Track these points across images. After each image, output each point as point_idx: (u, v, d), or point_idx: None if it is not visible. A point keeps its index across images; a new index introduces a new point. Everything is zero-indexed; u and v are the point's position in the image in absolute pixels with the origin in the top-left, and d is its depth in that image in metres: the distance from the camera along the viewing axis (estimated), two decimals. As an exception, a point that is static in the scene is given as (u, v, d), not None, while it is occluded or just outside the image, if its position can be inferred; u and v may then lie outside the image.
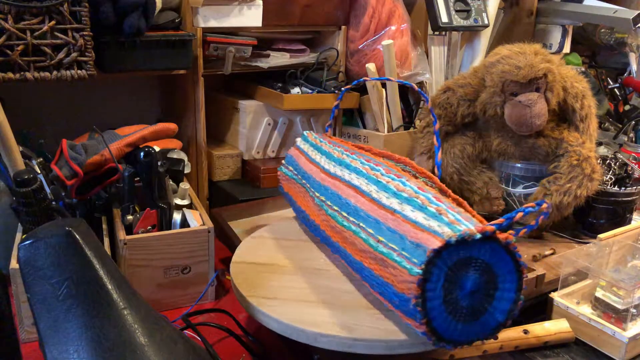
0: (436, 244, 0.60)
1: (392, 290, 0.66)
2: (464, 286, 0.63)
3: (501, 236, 0.62)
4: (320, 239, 0.90)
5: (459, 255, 0.62)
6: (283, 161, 1.04)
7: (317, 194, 0.88)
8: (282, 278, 0.82)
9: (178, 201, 1.02)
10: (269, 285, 0.80)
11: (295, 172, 0.99)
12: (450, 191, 0.80)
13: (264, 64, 1.26)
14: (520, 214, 0.66)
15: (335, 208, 0.82)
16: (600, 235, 0.98)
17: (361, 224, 0.74)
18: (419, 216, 0.66)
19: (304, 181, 0.95)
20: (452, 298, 0.63)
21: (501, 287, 0.64)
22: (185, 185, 1.05)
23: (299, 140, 1.04)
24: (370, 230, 0.72)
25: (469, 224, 0.63)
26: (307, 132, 1.05)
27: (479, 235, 0.61)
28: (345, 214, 0.79)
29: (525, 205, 0.69)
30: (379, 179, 0.77)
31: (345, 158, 0.88)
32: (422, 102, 1.43)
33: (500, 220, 0.65)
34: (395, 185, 0.74)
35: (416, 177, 0.86)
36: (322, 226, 0.85)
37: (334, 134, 1.40)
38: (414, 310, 0.62)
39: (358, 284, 0.80)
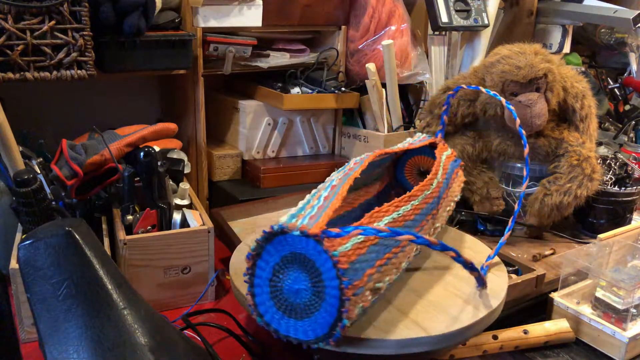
0: (269, 228, 0.63)
1: None
2: (288, 280, 0.64)
3: (327, 243, 0.61)
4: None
5: (291, 249, 0.63)
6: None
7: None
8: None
9: (178, 201, 1.02)
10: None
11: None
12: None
13: (264, 64, 1.26)
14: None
15: None
16: (601, 235, 0.98)
17: None
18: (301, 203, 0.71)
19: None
20: (278, 286, 0.64)
21: (326, 300, 0.62)
22: (185, 185, 1.05)
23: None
24: None
25: (309, 220, 0.63)
26: None
27: (297, 232, 0.61)
28: None
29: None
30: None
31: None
32: (422, 102, 1.43)
33: (337, 230, 0.63)
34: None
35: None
36: None
37: (334, 135, 1.40)
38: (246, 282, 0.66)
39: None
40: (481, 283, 0.76)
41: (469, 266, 0.70)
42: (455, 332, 0.70)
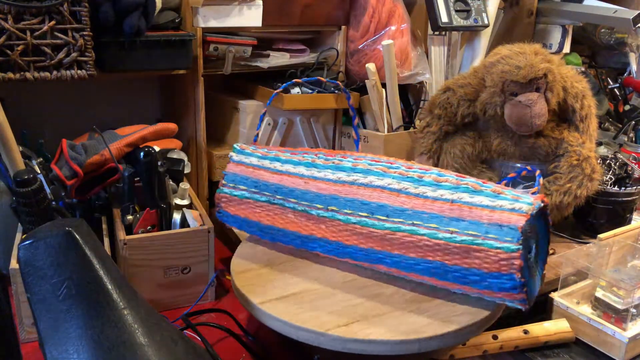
0: (522, 220, 0.69)
1: (478, 273, 0.71)
2: (530, 248, 0.72)
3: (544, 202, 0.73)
4: (321, 251, 0.85)
5: (531, 223, 0.70)
6: (222, 181, 0.93)
7: (317, 205, 0.83)
8: (282, 277, 0.83)
9: (178, 201, 1.02)
10: (269, 284, 0.80)
11: (254, 189, 0.90)
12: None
13: (264, 64, 1.26)
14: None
15: (363, 214, 0.78)
16: (600, 235, 0.98)
17: (415, 222, 0.74)
18: (483, 200, 0.72)
19: (277, 196, 0.87)
20: (526, 260, 0.71)
21: (541, 244, 0.76)
22: (185, 185, 1.04)
23: (233, 155, 0.96)
24: (433, 225, 0.73)
25: (528, 197, 0.72)
26: (237, 144, 0.97)
27: (541, 204, 0.71)
28: (382, 217, 0.77)
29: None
30: (408, 176, 0.78)
31: (342, 163, 0.85)
32: (422, 102, 1.43)
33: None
34: (433, 177, 0.77)
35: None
36: (331, 237, 0.82)
37: (334, 135, 1.40)
38: (514, 283, 0.69)
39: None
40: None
41: None
42: (451, 333, 0.70)
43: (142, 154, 0.94)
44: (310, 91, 1.28)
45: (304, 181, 0.85)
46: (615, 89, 1.69)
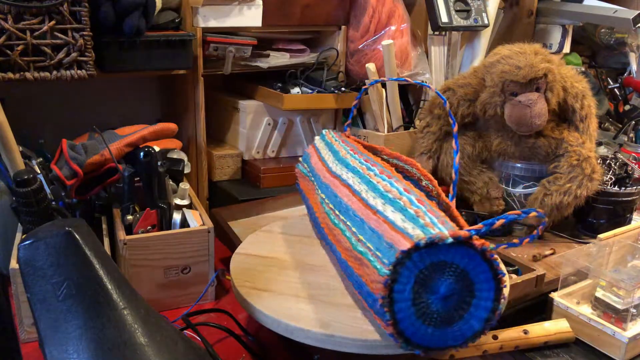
0: (406, 245, 0.59)
1: (366, 289, 0.66)
2: (436, 290, 0.61)
3: (477, 242, 0.60)
4: (320, 237, 0.91)
5: (432, 259, 0.60)
6: (300, 158, 1.05)
7: (320, 192, 0.89)
8: (279, 272, 0.83)
9: (178, 201, 1.02)
10: (262, 277, 0.81)
11: (308, 170, 0.99)
12: (443, 195, 0.81)
13: (264, 64, 1.26)
14: (501, 221, 0.65)
15: (331, 206, 0.82)
16: (600, 235, 0.98)
17: (348, 222, 0.75)
18: (397, 217, 0.65)
19: (312, 179, 0.96)
20: (423, 302, 0.61)
21: (478, 295, 0.62)
22: (185, 185, 1.05)
23: (317, 138, 1.04)
24: (354, 229, 0.72)
25: (443, 227, 0.61)
26: (327, 130, 1.04)
27: (450, 240, 0.58)
28: (337, 212, 0.79)
29: (510, 212, 0.68)
30: (370, 179, 0.77)
31: (347, 157, 0.88)
32: (422, 102, 1.44)
33: (479, 226, 0.63)
34: (384, 185, 0.74)
35: (420, 180, 0.87)
36: (322, 224, 0.86)
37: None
38: (382, 311, 0.61)
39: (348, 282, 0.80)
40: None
41: None
42: None
43: (142, 154, 0.94)
44: (310, 91, 1.28)
45: (322, 166, 0.93)
46: (615, 89, 1.69)
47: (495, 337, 0.83)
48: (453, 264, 0.61)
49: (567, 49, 1.56)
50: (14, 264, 0.81)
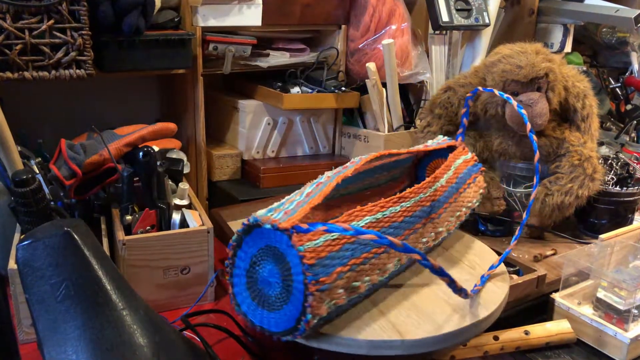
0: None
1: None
2: (262, 272, 0.66)
3: (295, 238, 0.62)
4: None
5: (266, 242, 0.65)
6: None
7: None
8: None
9: (177, 201, 1.02)
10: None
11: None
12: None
13: (263, 63, 1.26)
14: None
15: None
16: (602, 236, 0.98)
17: None
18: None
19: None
20: (255, 280, 0.67)
21: (295, 280, 0.63)
22: (184, 185, 1.04)
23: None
24: None
25: (284, 215, 0.65)
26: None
27: (268, 226, 0.63)
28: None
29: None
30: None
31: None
32: (422, 102, 1.43)
33: (306, 226, 0.64)
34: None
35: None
36: None
37: (334, 134, 1.40)
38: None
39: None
40: (455, 290, 0.69)
41: (438, 271, 0.65)
42: (430, 338, 0.69)
43: (141, 153, 0.94)
44: (310, 90, 1.28)
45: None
46: (617, 89, 1.69)
47: (496, 338, 0.83)
48: (276, 248, 0.64)
49: (568, 48, 1.56)
50: (12, 265, 0.81)
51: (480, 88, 0.99)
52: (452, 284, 0.68)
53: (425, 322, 0.71)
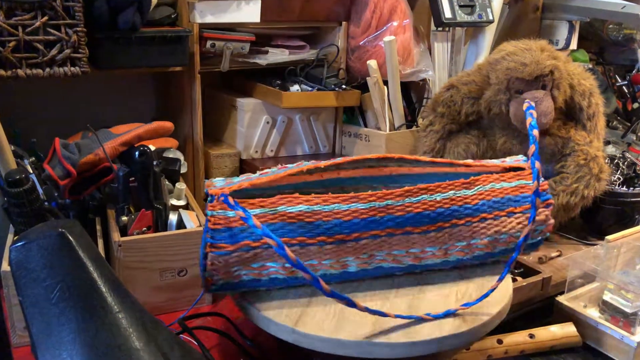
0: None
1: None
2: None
3: (214, 203, 0.74)
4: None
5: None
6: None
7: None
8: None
9: (174, 202, 1.02)
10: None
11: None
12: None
13: (262, 60, 1.26)
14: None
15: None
16: (608, 237, 0.98)
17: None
18: None
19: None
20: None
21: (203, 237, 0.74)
22: (181, 185, 1.04)
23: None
24: None
25: (225, 183, 0.76)
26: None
27: (205, 190, 0.76)
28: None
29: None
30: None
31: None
32: (425, 100, 1.43)
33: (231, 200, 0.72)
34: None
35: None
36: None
37: (334, 133, 1.40)
38: None
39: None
40: (360, 309, 0.68)
41: (329, 294, 0.66)
42: (431, 340, 0.69)
43: (137, 153, 0.94)
44: (310, 89, 1.28)
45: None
46: (624, 87, 1.69)
47: (500, 342, 0.83)
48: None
49: (574, 45, 1.56)
50: (5, 266, 0.81)
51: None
52: (351, 304, 0.68)
53: (426, 323, 0.71)
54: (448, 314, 0.71)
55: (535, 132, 0.78)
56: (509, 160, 0.87)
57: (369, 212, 0.75)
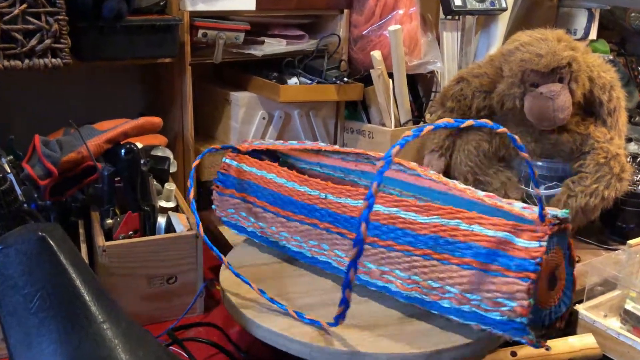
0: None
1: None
2: None
3: (239, 155, 0.96)
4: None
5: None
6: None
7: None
8: (275, 281, 0.83)
9: (163, 203, 1.02)
10: (256, 287, 0.81)
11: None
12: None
13: (258, 51, 1.27)
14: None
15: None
16: (630, 241, 0.98)
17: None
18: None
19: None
20: None
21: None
22: (170, 185, 1.05)
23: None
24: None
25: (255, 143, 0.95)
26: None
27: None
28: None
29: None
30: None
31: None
32: (432, 94, 1.44)
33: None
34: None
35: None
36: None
37: (336, 130, 1.40)
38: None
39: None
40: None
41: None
42: (440, 352, 0.69)
43: (123, 151, 0.94)
44: (309, 82, 1.28)
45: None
46: (647, 79, 1.69)
47: (514, 354, 0.83)
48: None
49: (593, 35, 1.56)
50: (-19, 273, 0.81)
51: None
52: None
53: (436, 334, 0.72)
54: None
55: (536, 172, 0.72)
56: (518, 206, 0.71)
57: (313, 200, 0.82)
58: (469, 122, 0.68)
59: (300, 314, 0.74)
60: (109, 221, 0.95)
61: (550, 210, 0.67)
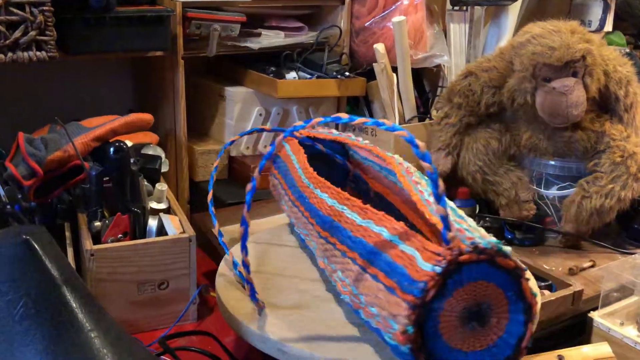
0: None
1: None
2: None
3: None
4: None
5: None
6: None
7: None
8: (271, 288, 0.83)
9: (154, 205, 1.02)
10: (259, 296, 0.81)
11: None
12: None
13: (254, 44, 1.26)
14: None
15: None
16: (648, 245, 0.98)
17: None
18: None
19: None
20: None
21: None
22: (162, 186, 1.05)
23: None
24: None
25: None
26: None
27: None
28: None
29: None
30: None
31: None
32: (439, 89, 1.44)
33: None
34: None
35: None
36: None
37: (337, 127, 1.40)
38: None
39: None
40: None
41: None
42: None
43: (112, 149, 0.94)
44: (308, 76, 1.28)
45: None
46: (665, 74, 1.69)
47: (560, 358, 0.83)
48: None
49: (609, 26, 1.56)
50: (-38, 279, 0.81)
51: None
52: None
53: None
54: None
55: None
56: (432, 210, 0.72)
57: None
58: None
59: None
60: (97, 223, 0.95)
61: (478, 238, 0.61)
